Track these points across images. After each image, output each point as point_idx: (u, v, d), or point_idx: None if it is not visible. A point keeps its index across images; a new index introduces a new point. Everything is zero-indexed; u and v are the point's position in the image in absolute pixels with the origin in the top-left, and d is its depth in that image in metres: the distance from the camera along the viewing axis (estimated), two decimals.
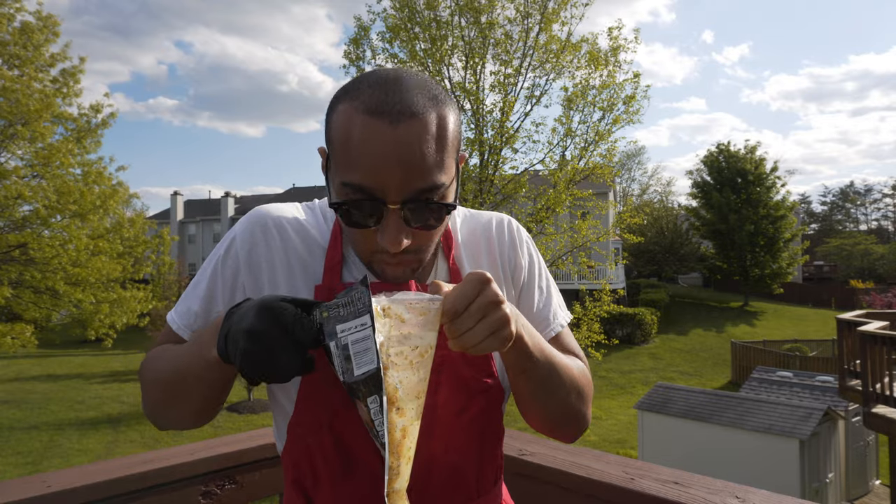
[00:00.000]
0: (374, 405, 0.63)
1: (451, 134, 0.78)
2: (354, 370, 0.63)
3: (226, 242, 0.91)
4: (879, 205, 63.69)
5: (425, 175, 0.74)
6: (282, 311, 0.66)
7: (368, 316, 0.64)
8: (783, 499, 1.05)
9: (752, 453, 9.00)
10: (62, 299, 11.47)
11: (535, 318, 0.97)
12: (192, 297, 0.91)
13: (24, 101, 10.43)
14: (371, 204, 0.75)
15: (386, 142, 0.73)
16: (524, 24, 11.79)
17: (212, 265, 0.91)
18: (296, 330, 0.65)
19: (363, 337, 0.64)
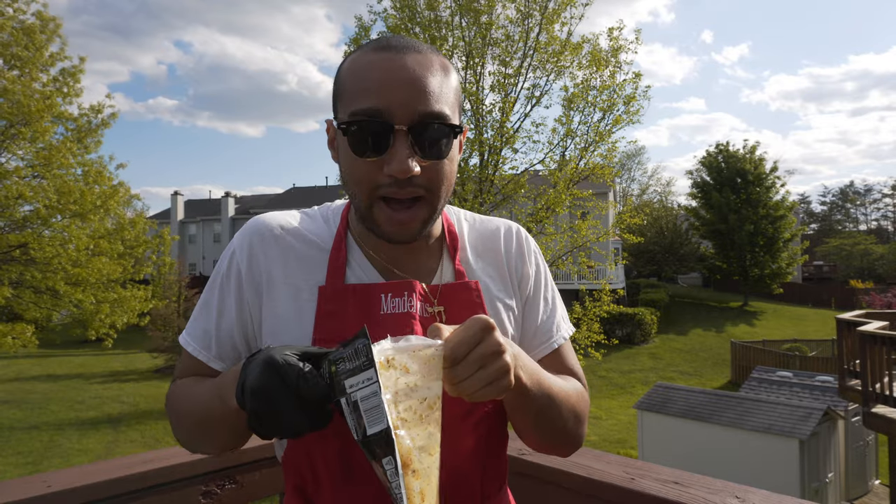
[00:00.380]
0: (389, 466, 0.61)
1: (453, 82, 0.82)
2: (367, 429, 0.61)
3: (226, 258, 0.90)
4: (879, 205, 63.72)
5: (431, 101, 0.77)
6: (286, 369, 0.64)
7: (373, 370, 0.61)
8: (783, 499, 1.05)
9: (751, 453, 9.00)
10: (62, 299, 11.47)
11: (539, 330, 0.96)
12: (203, 317, 0.91)
13: (26, 101, 10.43)
14: (379, 125, 0.75)
15: (393, 67, 0.76)
16: (524, 24, 11.78)
17: (217, 283, 0.91)
18: (301, 387, 0.63)
19: (371, 393, 0.61)
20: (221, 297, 0.89)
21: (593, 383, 18.76)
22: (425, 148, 0.77)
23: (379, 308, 0.84)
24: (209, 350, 0.89)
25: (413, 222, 0.80)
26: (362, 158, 0.78)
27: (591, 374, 19.15)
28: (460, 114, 0.84)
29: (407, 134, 0.76)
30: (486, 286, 0.93)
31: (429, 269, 0.91)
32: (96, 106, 12.27)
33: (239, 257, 0.89)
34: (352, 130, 0.77)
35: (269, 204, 41.02)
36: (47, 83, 11.59)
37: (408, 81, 0.76)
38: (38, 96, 10.87)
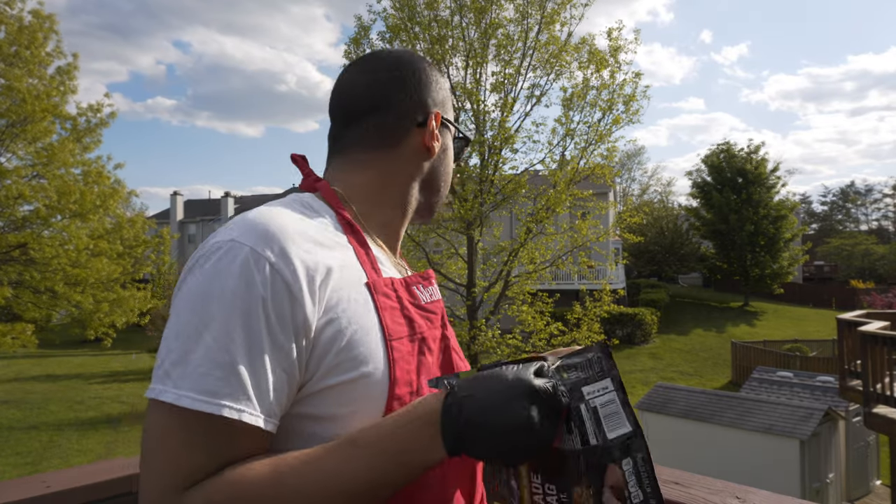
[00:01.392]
0: (627, 467, 0.64)
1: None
2: (607, 433, 0.64)
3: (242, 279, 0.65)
4: (880, 205, 63.65)
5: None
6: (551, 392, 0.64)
7: (610, 380, 0.66)
8: (783, 499, 1.05)
9: (752, 453, 8.99)
10: (61, 299, 11.47)
11: None
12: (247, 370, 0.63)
13: (30, 101, 10.44)
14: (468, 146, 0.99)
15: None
16: (524, 24, 11.79)
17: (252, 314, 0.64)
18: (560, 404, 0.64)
19: (609, 400, 0.66)
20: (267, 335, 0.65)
21: None
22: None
23: (419, 299, 0.85)
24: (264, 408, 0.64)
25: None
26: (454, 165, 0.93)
27: None
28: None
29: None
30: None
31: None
32: (95, 105, 12.29)
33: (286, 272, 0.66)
34: (460, 140, 0.95)
35: None
36: (50, 81, 11.61)
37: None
38: (39, 95, 10.88)
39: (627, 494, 0.63)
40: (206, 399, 0.61)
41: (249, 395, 0.63)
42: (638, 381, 18.97)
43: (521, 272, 11.82)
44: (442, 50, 11.71)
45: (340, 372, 0.69)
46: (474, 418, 0.61)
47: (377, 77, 0.87)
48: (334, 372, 0.69)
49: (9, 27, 10.83)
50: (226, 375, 0.62)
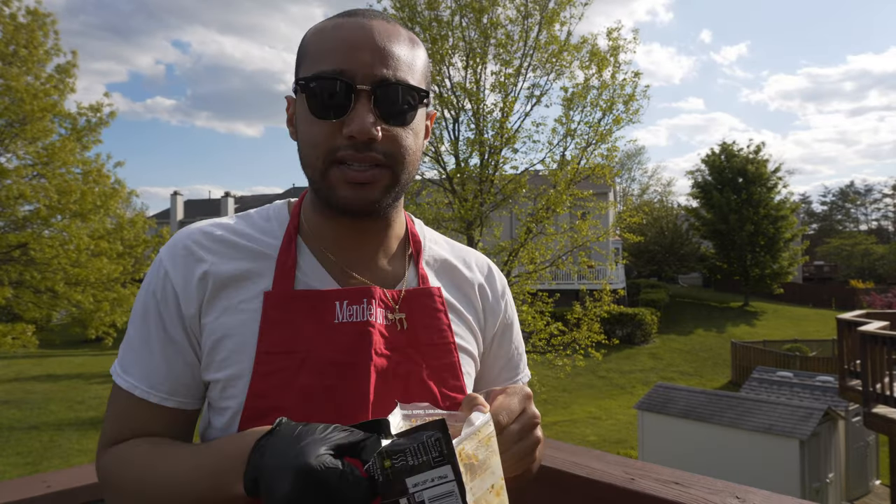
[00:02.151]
0: None
1: (421, 57, 0.79)
2: None
3: (157, 277, 0.79)
4: (879, 205, 63.67)
5: (397, 66, 0.74)
6: (325, 477, 0.54)
7: (450, 468, 0.54)
8: (783, 499, 1.05)
9: (752, 453, 8.99)
10: (62, 299, 11.47)
11: (504, 368, 0.96)
12: (142, 348, 0.78)
13: (29, 100, 10.44)
14: (340, 84, 0.72)
15: (359, 29, 0.74)
16: (524, 24, 11.79)
17: (151, 306, 0.78)
18: (346, 494, 0.55)
19: (445, 493, 0.54)
20: (155, 326, 0.77)
21: (593, 383, 18.76)
22: (387, 112, 0.73)
23: (333, 316, 0.77)
24: (159, 388, 0.77)
25: (373, 185, 0.74)
26: (321, 120, 0.74)
27: (592, 374, 19.15)
28: (428, 90, 0.80)
29: (370, 95, 0.72)
30: (453, 303, 0.89)
31: (390, 273, 0.86)
32: (95, 105, 12.29)
33: (172, 274, 0.78)
34: (311, 88, 0.73)
35: None
36: (48, 79, 11.60)
37: (373, 43, 0.73)
38: (38, 94, 10.87)
39: None
40: (119, 373, 0.78)
41: (146, 374, 0.76)
42: (638, 381, 18.96)
43: (521, 272, 11.82)
44: (442, 50, 11.71)
45: (213, 370, 0.78)
46: (264, 471, 0.58)
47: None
48: (209, 368, 0.78)
49: (6, 26, 10.82)
50: (133, 359, 0.77)
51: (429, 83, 0.82)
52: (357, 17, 0.76)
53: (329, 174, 0.75)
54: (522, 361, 0.99)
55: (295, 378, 0.74)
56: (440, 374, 0.83)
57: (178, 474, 0.69)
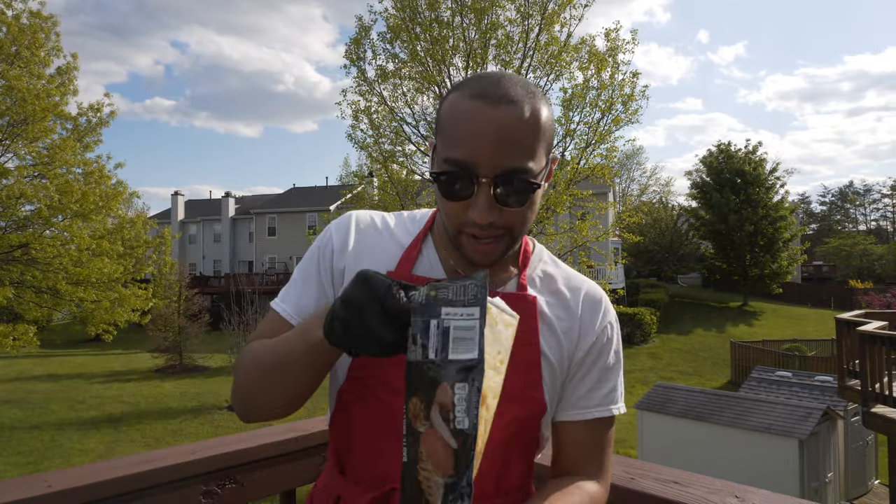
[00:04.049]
0: (460, 391, 0.63)
1: (543, 125, 0.87)
2: (450, 353, 0.64)
3: (323, 236, 1.01)
4: (878, 205, 63.73)
5: (516, 156, 0.83)
6: (376, 282, 0.70)
7: (479, 309, 0.66)
8: (783, 498, 1.06)
9: (751, 453, 9.00)
10: (63, 298, 11.47)
11: (586, 395, 0.97)
12: (296, 285, 0.99)
13: (30, 100, 10.45)
14: (465, 175, 0.83)
15: (486, 120, 0.82)
16: (524, 24, 11.79)
17: (312, 257, 1.00)
18: (387, 300, 0.69)
19: (469, 326, 0.65)
20: (314, 269, 0.98)
21: None
22: (506, 199, 0.84)
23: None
24: (300, 315, 0.96)
25: (495, 252, 0.88)
26: (451, 201, 0.86)
27: None
28: (549, 150, 0.89)
29: (490, 185, 0.83)
30: (547, 315, 0.97)
31: (497, 279, 0.97)
32: (95, 105, 12.30)
33: (335, 236, 0.99)
34: (441, 179, 0.85)
35: (270, 204, 41.03)
36: (49, 80, 11.61)
37: (497, 135, 0.81)
38: (39, 94, 10.89)
39: (452, 417, 0.63)
40: (277, 302, 1.00)
41: (290, 302, 0.97)
42: (637, 381, 18.97)
43: None
44: (442, 50, 11.71)
45: None
46: (341, 293, 0.73)
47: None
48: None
49: (10, 27, 10.83)
50: (289, 291, 0.99)
51: (550, 142, 0.90)
52: (485, 100, 0.83)
53: (460, 238, 0.89)
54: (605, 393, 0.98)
55: None
56: (520, 369, 0.89)
57: (281, 339, 0.88)
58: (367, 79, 12.56)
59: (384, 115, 12.44)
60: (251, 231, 40.30)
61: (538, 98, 0.87)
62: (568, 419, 0.96)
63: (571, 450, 0.97)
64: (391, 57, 12.36)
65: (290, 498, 1.45)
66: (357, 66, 12.48)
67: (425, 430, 0.65)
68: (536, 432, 0.94)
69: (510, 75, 0.88)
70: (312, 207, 37.58)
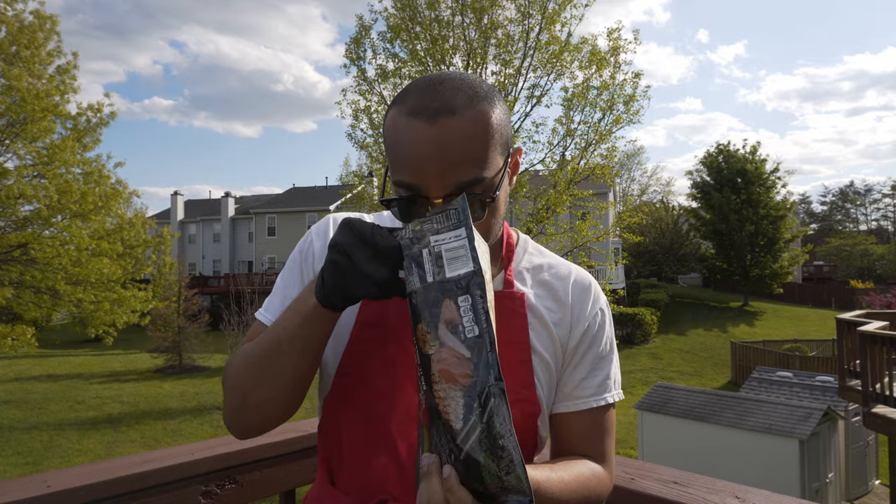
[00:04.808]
0: (464, 303, 0.64)
1: (493, 128, 0.81)
2: (446, 272, 0.66)
3: (304, 239, 1.00)
4: (879, 205, 63.75)
5: (464, 169, 0.78)
6: (361, 224, 0.72)
7: (465, 229, 0.67)
8: (783, 499, 1.05)
9: (752, 453, 9.00)
10: (62, 299, 11.46)
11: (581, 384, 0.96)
12: (279, 293, 0.97)
13: (30, 100, 10.44)
14: (417, 200, 0.80)
15: (424, 140, 0.78)
16: (525, 24, 11.79)
17: (294, 261, 0.99)
18: (376, 238, 0.70)
19: (458, 246, 0.67)
20: (297, 275, 0.97)
21: None
22: None
23: None
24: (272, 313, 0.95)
25: None
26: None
27: None
28: (506, 149, 0.85)
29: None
30: (537, 308, 0.94)
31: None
32: (95, 105, 12.30)
33: (316, 241, 0.97)
34: (393, 207, 0.83)
35: (269, 204, 41.03)
36: (49, 80, 11.61)
37: (439, 157, 0.77)
38: (39, 94, 10.88)
39: (462, 328, 0.63)
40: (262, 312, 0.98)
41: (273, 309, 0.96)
42: (638, 381, 18.97)
43: None
44: (442, 50, 11.71)
45: None
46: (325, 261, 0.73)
47: None
48: None
49: (9, 27, 10.83)
50: (272, 299, 0.98)
51: (507, 141, 0.85)
52: (422, 117, 0.78)
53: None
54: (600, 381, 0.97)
55: (383, 346, 0.88)
56: (511, 370, 0.88)
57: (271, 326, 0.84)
58: (367, 78, 12.56)
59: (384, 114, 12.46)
60: (251, 231, 40.30)
61: (483, 99, 0.81)
62: (564, 410, 0.94)
63: (570, 440, 0.95)
64: (391, 56, 12.36)
65: (290, 498, 1.45)
66: (357, 66, 12.48)
67: (435, 350, 0.64)
68: (534, 434, 0.92)
69: (451, 78, 0.82)
70: (312, 207, 37.59)
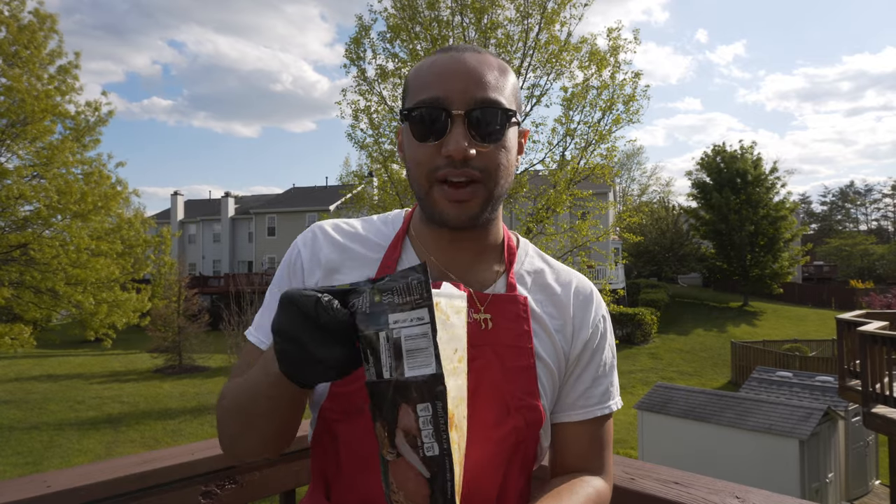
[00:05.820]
0: (424, 413, 0.56)
1: (511, 80, 0.88)
2: (406, 370, 0.56)
3: (289, 252, 0.96)
4: (879, 205, 63.74)
5: (487, 89, 0.83)
6: (301, 300, 0.62)
7: (427, 310, 0.57)
8: (783, 499, 1.05)
9: (752, 453, 9.00)
10: (62, 299, 11.46)
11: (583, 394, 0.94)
12: (266, 309, 0.94)
13: (30, 101, 10.44)
14: (438, 111, 0.81)
15: (451, 62, 0.84)
16: (524, 23, 11.79)
17: (281, 274, 0.95)
18: (320, 315, 0.61)
19: (420, 333, 0.57)
20: (283, 287, 0.94)
21: None
22: (481, 131, 0.82)
23: None
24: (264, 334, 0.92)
25: (471, 201, 0.84)
26: (423, 143, 0.83)
27: None
28: (519, 112, 0.89)
29: (464, 118, 0.81)
30: (539, 314, 0.93)
31: (482, 278, 0.93)
32: (93, 103, 12.28)
33: (303, 251, 0.94)
34: (413, 117, 0.83)
35: (269, 204, 41.02)
36: (49, 81, 11.60)
37: (465, 72, 0.83)
38: (40, 95, 10.87)
39: (420, 444, 0.56)
40: (251, 331, 0.95)
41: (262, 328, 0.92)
42: (638, 381, 18.97)
43: None
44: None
45: None
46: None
47: None
48: None
49: (9, 27, 10.82)
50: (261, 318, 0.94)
51: (519, 104, 0.90)
52: (450, 52, 0.87)
53: (432, 192, 0.84)
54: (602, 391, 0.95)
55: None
56: (515, 376, 0.86)
57: (248, 376, 0.82)
58: (366, 78, 12.55)
59: (384, 114, 12.43)
60: (251, 231, 40.30)
61: (503, 61, 0.89)
62: (566, 420, 0.93)
63: (572, 450, 0.93)
64: (391, 56, 12.35)
65: (290, 498, 1.45)
66: (357, 66, 12.47)
67: (392, 458, 0.58)
68: (535, 443, 0.89)
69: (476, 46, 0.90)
70: (312, 207, 37.58)
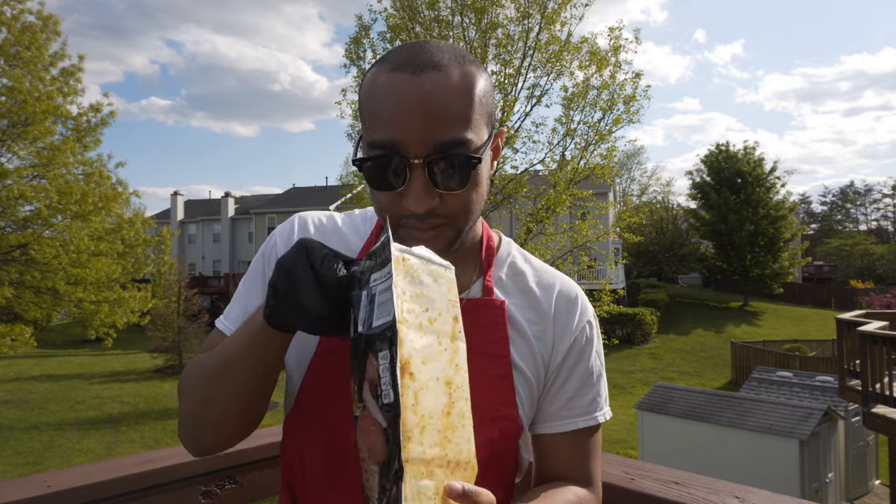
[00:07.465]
0: (384, 361, 0.56)
1: (479, 93, 0.74)
2: (374, 321, 0.58)
3: (267, 242, 0.93)
4: (879, 205, 63.74)
5: (449, 127, 0.70)
6: (314, 249, 0.66)
7: (391, 265, 0.60)
8: (783, 499, 1.05)
9: (752, 453, 9.00)
10: (62, 299, 11.47)
11: (567, 404, 0.89)
12: (237, 297, 0.92)
13: (31, 102, 10.44)
14: (394, 160, 0.71)
15: (407, 92, 0.70)
16: (524, 23, 11.79)
17: (256, 264, 0.92)
18: (323, 269, 0.64)
19: (386, 287, 0.59)
20: (259, 278, 0.90)
21: None
22: (445, 181, 0.72)
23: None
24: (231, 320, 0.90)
25: (438, 240, 0.76)
26: (382, 192, 0.74)
27: None
28: (490, 122, 0.78)
29: (423, 167, 0.71)
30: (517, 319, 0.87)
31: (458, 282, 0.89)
32: (95, 104, 12.29)
33: (279, 241, 0.91)
34: (367, 166, 0.72)
35: (269, 204, 41.03)
36: (51, 82, 11.60)
37: (423, 107, 0.69)
38: (42, 96, 10.88)
39: (379, 392, 0.56)
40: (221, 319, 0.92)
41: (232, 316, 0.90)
42: (638, 381, 18.97)
43: None
44: None
45: None
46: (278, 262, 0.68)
47: None
48: None
49: (11, 28, 10.82)
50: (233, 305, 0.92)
51: (491, 112, 0.78)
52: (406, 71, 0.71)
53: (398, 233, 0.76)
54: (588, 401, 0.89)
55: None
56: (489, 385, 0.81)
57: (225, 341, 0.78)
58: None
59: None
60: (251, 231, 40.30)
61: (471, 62, 0.75)
62: (549, 431, 0.87)
63: (555, 462, 0.88)
64: None
65: None
66: (357, 66, 12.47)
67: (359, 413, 0.58)
68: (514, 455, 0.85)
69: (436, 41, 0.76)
70: (312, 207, 37.50)
